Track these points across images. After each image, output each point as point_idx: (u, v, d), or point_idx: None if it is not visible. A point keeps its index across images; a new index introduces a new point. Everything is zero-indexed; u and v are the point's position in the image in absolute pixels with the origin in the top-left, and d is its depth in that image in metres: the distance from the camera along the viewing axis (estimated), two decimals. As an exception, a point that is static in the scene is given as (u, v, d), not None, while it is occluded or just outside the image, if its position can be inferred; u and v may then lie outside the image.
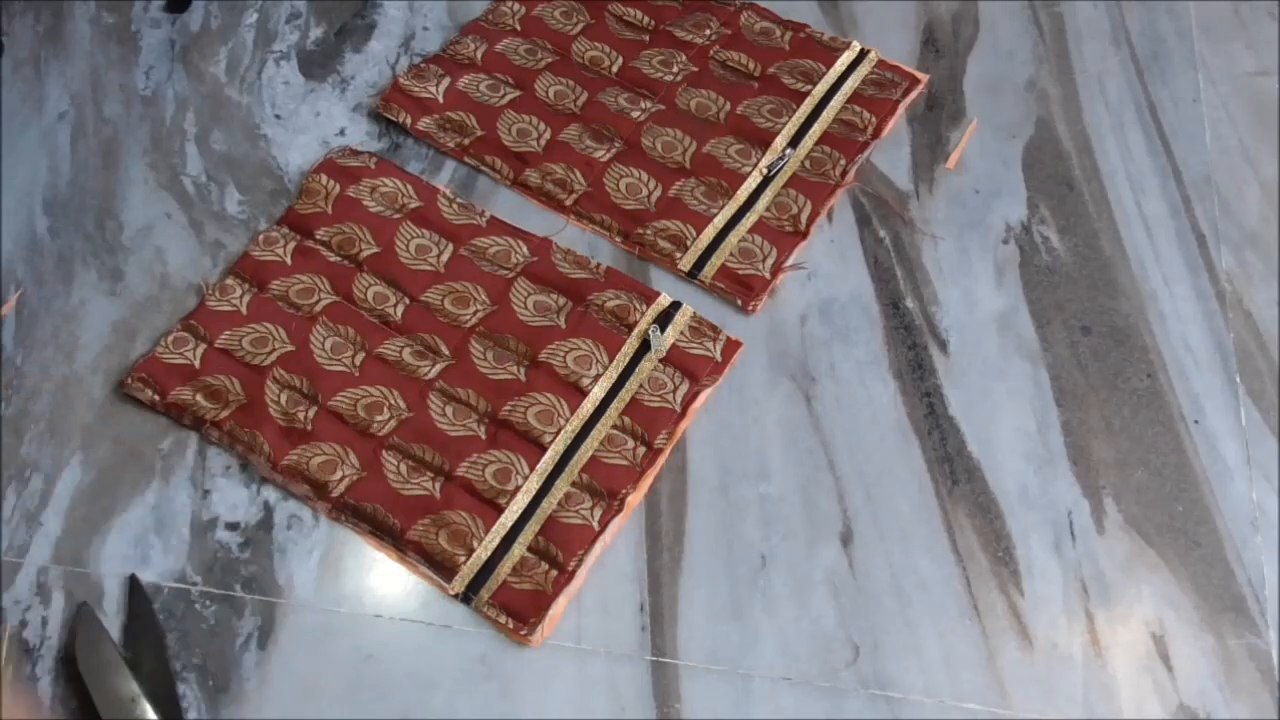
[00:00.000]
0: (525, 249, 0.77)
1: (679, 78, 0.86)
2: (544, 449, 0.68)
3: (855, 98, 0.85)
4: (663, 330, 0.73)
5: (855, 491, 0.68)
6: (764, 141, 0.82)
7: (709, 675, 0.62)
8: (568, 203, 0.79)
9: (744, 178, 0.80)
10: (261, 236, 0.77)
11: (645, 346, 0.72)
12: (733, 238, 0.77)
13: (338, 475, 0.66)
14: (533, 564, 0.64)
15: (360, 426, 0.68)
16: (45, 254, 0.77)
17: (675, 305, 0.74)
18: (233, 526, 0.66)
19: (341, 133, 0.84)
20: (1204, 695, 0.62)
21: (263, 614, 0.63)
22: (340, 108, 0.85)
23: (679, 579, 0.65)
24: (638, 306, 0.74)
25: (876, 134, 0.83)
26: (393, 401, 0.69)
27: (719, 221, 0.78)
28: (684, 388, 0.71)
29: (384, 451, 0.67)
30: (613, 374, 0.71)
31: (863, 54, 0.87)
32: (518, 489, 0.67)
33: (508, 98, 0.84)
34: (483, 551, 0.64)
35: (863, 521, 0.67)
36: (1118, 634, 0.64)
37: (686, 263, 0.77)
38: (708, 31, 0.89)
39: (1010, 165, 0.83)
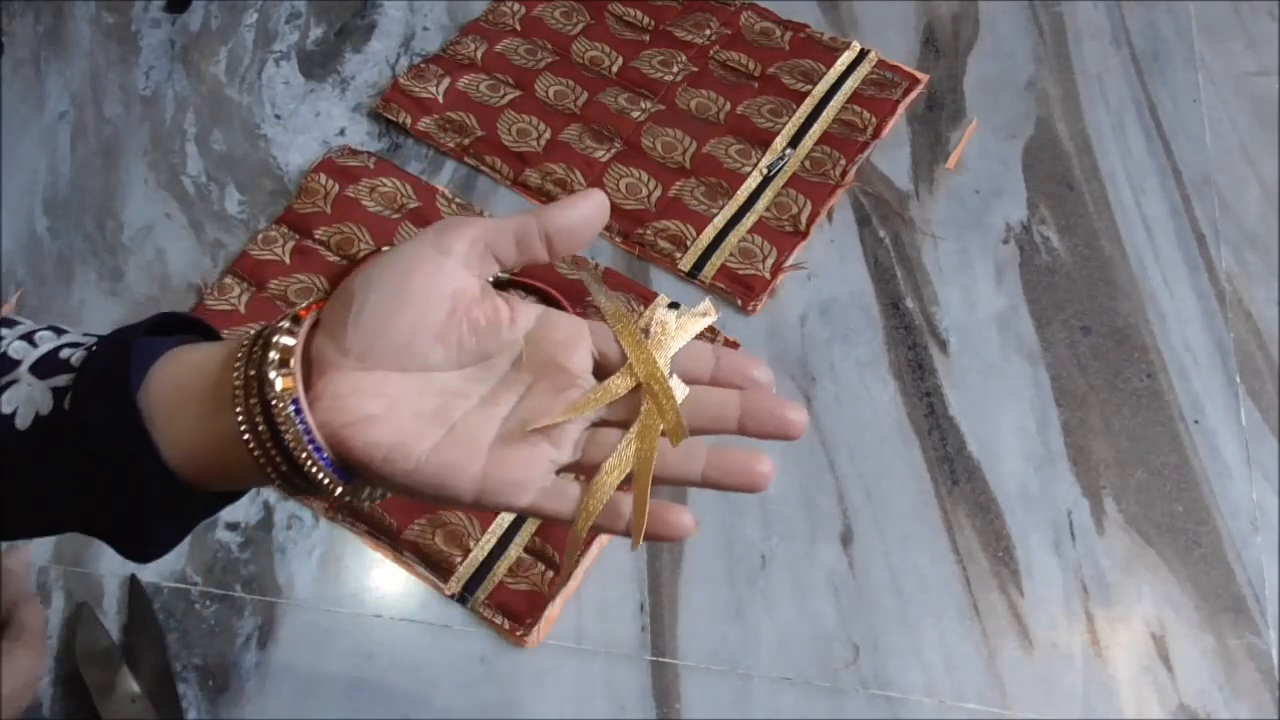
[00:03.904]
0: (525, 249, 0.77)
1: (679, 78, 0.86)
2: (543, 449, 0.68)
3: (855, 98, 0.85)
4: (662, 330, 0.73)
5: (855, 491, 0.68)
6: (764, 141, 0.82)
7: (709, 675, 0.62)
8: (567, 203, 0.79)
9: (744, 178, 0.80)
10: (260, 236, 0.77)
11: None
12: (733, 238, 0.78)
13: (337, 475, 0.66)
14: (529, 565, 0.64)
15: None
16: (45, 254, 0.77)
17: (673, 306, 0.74)
18: (233, 526, 0.66)
19: (341, 133, 0.84)
20: (1204, 695, 0.62)
21: (263, 614, 0.63)
22: (340, 108, 0.85)
23: (679, 579, 0.65)
24: (635, 308, 0.74)
25: (876, 134, 0.83)
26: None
27: (719, 221, 0.78)
28: (683, 393, 0.70)
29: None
30: (612, 374, 0.71)
31: (863, 54, 0.87)
32: (517, 489, 0.66)
33: (508, 98, 0.84)
34: (479, 552, 0.64)
35: (863, 521, 0.67)
36: (1118, 634, 0.64)
37: (686, 263, 0.77)
38: (708, 31, 0.89)
39: (1010, 165, 0.83)
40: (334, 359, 0.33)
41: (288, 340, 0.33)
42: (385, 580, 0.65)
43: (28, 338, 0.36)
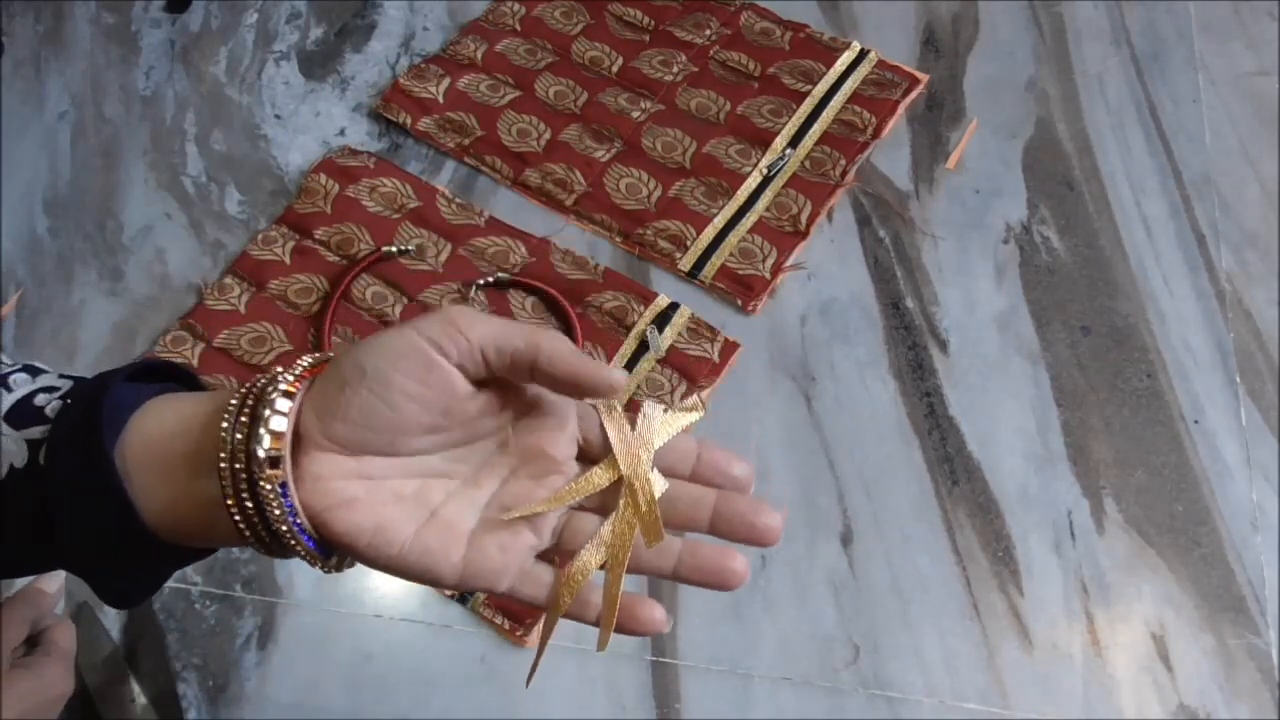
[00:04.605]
0: (524, 249, 0.77)
1: (679, 78, 0.86)
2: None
3: (855, 98, 0.85)
4: (660, 331, 0.73)
5: (855, 491, 0.68)
6: (764, 141, 0.82)
7: (709, 675, 0.62)
8: (568, 203, 0.79)
9: (744, 178, 0.80)
10: (260, 236, 0.77)
11: (643, 347, 0.72)
12: (733, 238, 0.77)
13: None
14: (532, 564, 0.64)
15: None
16: (45, 254, 0.77)
17: (673, 306, 0.74)
18: (232, 526, 0.66)
19: (341, 133, 0.84)
20: (1204, 695, 0.62)
21: (263, 614, 0.63)
22: (340, 108, 0.85)
23: (679, 579, 0.65)
24: (635, 307, 0.74)
25: (876, 134, 0.83)
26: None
27: (719, 221, 0.78)
28: (682, 389, 0.71)
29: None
30: (612, 374, 0.71)
31: (863, 54, 0.87)
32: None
33: (508, 98, 0.84)
34: (481, 551, 0.64)
35: (863, 521, 0.67)
36: (1118, 634, 0.64)
37: (686, 263, 0.77)
38: (708, 31, 0.89)
39: (1010, 165, 0.83)
40: (319, 440, 0.33)
41: (278, 423, 0.32)
42: (385, 580, 0.65)
43: (1, 381, 0.36)
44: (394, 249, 0.75)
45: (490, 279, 0.74)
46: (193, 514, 0.34)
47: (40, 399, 0.35)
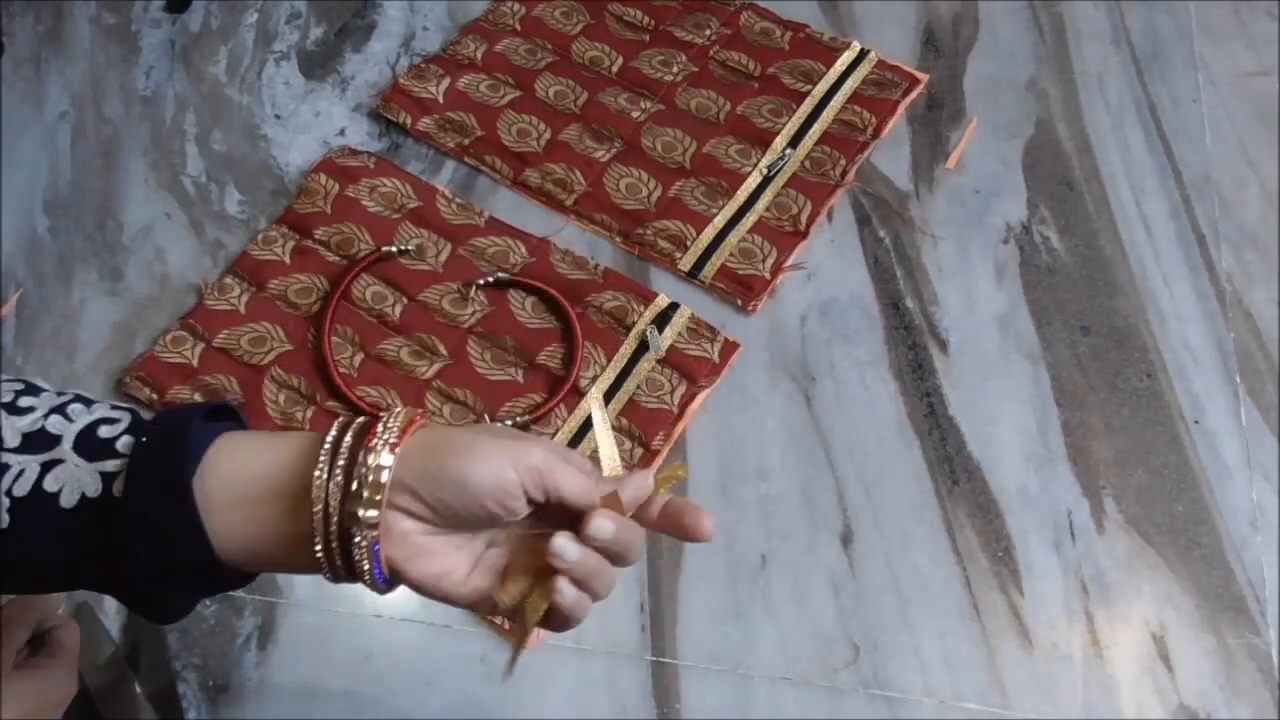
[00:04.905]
0: (524, 249, 0.77)
1: (679, 78, 0.86)
2: (543, 449, 0.68)
3: (855, 98, 0.85)
4: (660, 331, 0.73)
5: (855, 491, 0.68)
6: (764, 141, 0.82)
7: (709, 675, 0.62)
8: (568, 203, 0.79)
9: (744, 178, 0.80)
10: (260, 236, 0.77)
11: (643, 347, 0.72)
12: (733, 238, 0.77)
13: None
14: (532, 564, 0.64)
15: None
16: (45, 254, 0.77)
17: (673, 306, 0.74)
18: (232, 526, 0.66)
19: (341, 133, 0.84)
20: (1204, 695, 0.62)
21: (263, 614, 0.63)
22: (340, 108, 0.85)
23: (679, 579, 0.65)
24: (636, 307, 0.74)
25: (876, 134, 0.83)
26: (390, 402, 0.69)
27: (719, 221, 0.78)
28: (681, 389, 0.71)
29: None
30: (610, 375, 0.71)
31: (863, 54, 0.87)
32: (517, 489, 0.66)
33: (508, 98, 0.84)
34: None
35: (863, 521, 0.67)
36: (1118, 634, 0.64)
37: (686, 263, 0.77)
38: (708, 31, 0.89)
39: (1010, 165, 0.83)
40: (401, 505, 0.38)
41: (379, 492, 0.37)
42: (385, 580, 0.65)
43: (60, 411, 0.38)
44: (394, 249, 0.76)
45: (490, 279, 0.74)
46: (271, 549, 0.38)
47: (104, 431, 0.37)
